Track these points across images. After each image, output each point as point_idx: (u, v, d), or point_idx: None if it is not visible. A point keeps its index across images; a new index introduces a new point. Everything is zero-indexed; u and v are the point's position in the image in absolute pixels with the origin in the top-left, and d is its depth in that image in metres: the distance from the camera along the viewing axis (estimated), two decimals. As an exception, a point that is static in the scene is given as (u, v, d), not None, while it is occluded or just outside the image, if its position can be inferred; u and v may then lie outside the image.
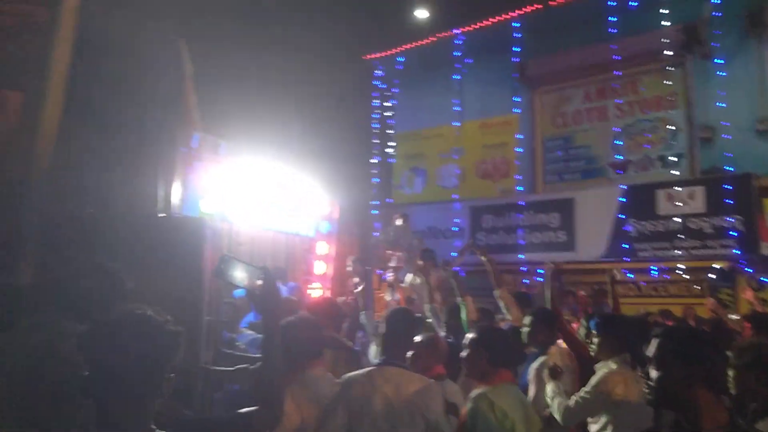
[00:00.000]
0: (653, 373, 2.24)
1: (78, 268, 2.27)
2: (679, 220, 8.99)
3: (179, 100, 3.71)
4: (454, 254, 11.53)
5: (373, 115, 13.70)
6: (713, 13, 9.57)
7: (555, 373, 3.70)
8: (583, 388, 3.65)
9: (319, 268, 10.06)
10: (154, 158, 3.31)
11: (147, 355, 1.50)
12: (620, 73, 10.50)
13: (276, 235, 9.39)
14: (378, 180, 13.40)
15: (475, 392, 2.93)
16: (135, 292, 2.73)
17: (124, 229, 2.97)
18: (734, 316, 6.75)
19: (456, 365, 3.39)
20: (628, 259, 9.46)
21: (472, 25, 11.91)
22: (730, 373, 2.82)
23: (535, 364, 4.06)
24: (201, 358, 3.19)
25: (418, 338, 3.77)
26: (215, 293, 3.59)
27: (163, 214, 3.28)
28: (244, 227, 8.49)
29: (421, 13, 12.36)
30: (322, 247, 10.20)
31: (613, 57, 10.31)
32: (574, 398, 3.58)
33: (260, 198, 8.52)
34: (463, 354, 3.10)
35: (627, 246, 9.48)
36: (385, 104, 13.64)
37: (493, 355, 2.99)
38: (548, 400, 3.67)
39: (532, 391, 3.93)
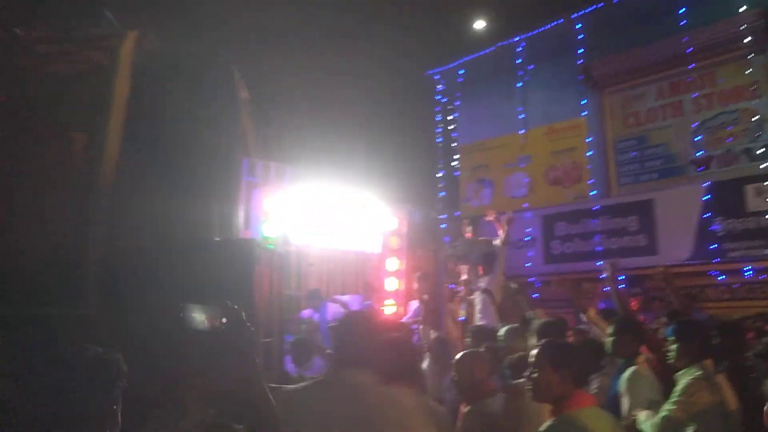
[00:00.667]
0: None
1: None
2: (772, 215, 8.29)
3: (235, 126, 3.85)
4: (527, 264, 11.26)
5: (437, 130, 13.67)
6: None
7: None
8: (668, 401, 3.41)
9: (391, 284, 10.10)
10: (210, 184, 3.45)
11: (70, 386, 1.43)
12: (694, 66, 9.91)
13: (345, 254, 9.55)
14: (444, 194, 13.30)
15: (551, 421, 2.51)
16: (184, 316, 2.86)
17: (181, 254, 3.11)
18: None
19: None
20: (718, 260, 8.81)
21: (533, 31, 11.67)
22: None
23: (626, 375, 3.81)
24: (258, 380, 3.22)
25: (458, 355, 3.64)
26: (276, 315, 3.66)
27: (218, 239, 3.40)
28: (313, 248, 8.71)
29: (479, 24, 12.28)
30: (393, 263, 10.24)
31: (686, 50, 9.77)
32: (661, 413, 3.34)
33: (325, 218, 8.74)
34: (532, 375, 2.69)
35: (715, 246, 8.84)
36: (448, 118, 13.58)
37: (574, 374, 2.56)
38: (641, 426, 3.42)
39: (626, 404, 3.70)
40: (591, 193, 11.11)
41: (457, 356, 3.65)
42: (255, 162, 5.82)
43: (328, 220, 9.00)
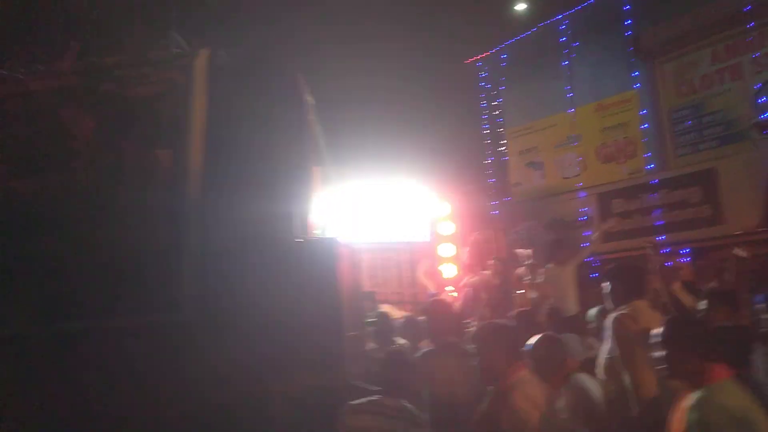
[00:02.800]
0: None
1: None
2: None
3: (305, 129, 4.00)
4: (585, 244, 11.11)
5: (483, 116, 13.61)
6: None
7: None
8: None
9: (449, 271, 10.21)
10: (286, 186, 3.60)
11: None
12: (753, 24, 9.49)
13: (398, 245, 9.81)
14: (494, 180, 13.23)
15: (692, 398, 2.49)
16: (277, 315, 3.05)
17: (268, 256, 3.28)
18: None
19: None
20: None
21: (576, 6, 11.45)
22: None
23: None
24: (347, 374, 3.38)
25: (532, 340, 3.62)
26: (358, 309, 3.81)
27: (300, 239, 3.56)
28: (363, 244, 8.98)
29: (520, 6, 12.14)
30: (448, 250, 10.33)
31: (743, 8, 9.38)
32: None
33: (372, 213, 8.99)
34: (659, 354, 2.72)
35: (787, 212, 8.52)
36: (493, 103, 13.47)
37: (705, 349, 2.57)
38: None
39: None
40: (647, 167, 10.83)
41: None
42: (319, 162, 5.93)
43: (375, 215, 9.28)
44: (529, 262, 8.15)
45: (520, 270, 8.31)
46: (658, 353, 2.69)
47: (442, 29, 11.97)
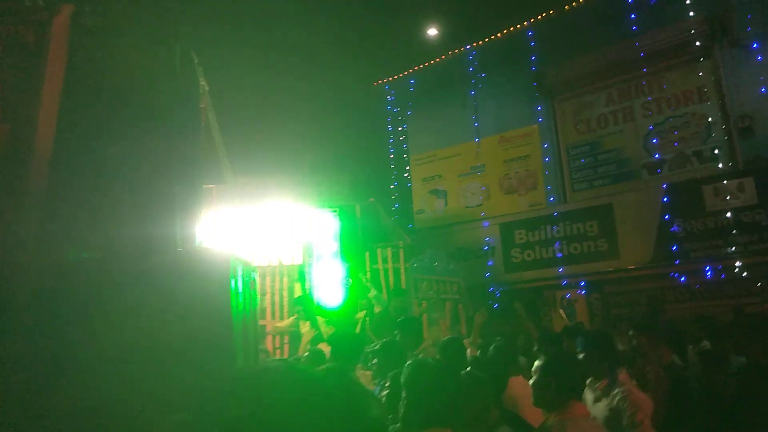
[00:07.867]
0: None
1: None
2: (730, 215, 8.38)
3: (195, 118, 3.28)
4: (487, 274, 11.03)
5: (389, 140, 13.35)
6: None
7: None
8: None
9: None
10: (167, 185, 2.87)
11: None
12: (645, 71, 10.00)
13: (282, 268, 9.26)
14: (398, 206, 12.93)
15: (542, 426, 2.67)
16: (162, 332, 2.31)
17: (140, 269, 2.53)
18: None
19: None
20: (679, 262, 8.84)
21: (484, 39, 11.56)
22: None
23: None
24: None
25: None
26: (251, 327, 3.12)
27: (180, 249, 2.83)
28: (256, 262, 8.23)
29: (431, 33, 12.08)
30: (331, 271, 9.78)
31: (637, 55, 9.87)
32: None
33: (259, 231, 8.30)
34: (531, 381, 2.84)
35: (675, 248, 8.86)
36: (399, 129, 13.28)
37: (560, 385, 2.66)
38: None
39: None
40: (550, 199, 11.01)
41: None
42: (214, 160, 5.07)
43: (262, 232, 8.61)
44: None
45: None
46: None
47: (352, 50, 11.62)
